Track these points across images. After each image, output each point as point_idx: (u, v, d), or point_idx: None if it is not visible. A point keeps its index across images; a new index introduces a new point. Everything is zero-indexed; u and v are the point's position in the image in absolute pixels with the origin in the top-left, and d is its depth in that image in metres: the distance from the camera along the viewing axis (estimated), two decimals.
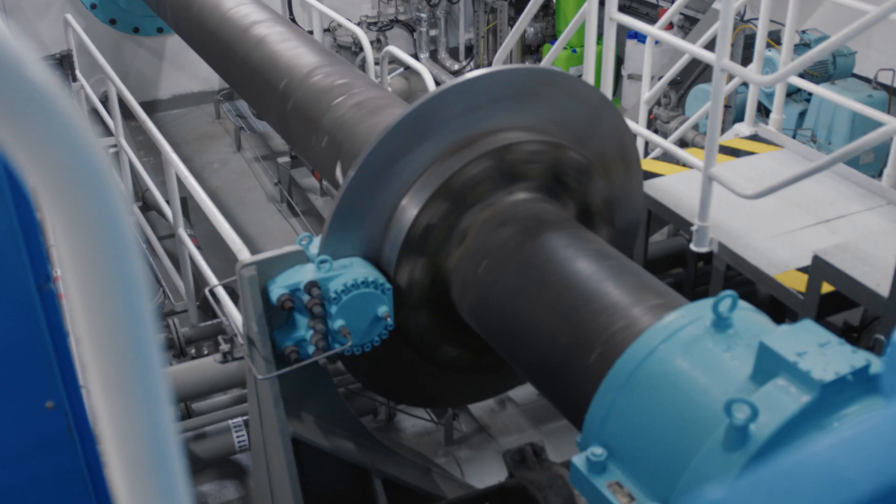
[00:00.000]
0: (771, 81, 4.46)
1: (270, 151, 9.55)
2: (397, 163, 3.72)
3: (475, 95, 3.77)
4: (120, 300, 0.61)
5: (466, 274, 3.74)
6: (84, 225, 0.57)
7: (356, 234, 3.78)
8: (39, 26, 9.93)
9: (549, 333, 3.40)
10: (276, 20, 6.65)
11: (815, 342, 2.70)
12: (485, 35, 11.42)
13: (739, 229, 4.92)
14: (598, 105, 4.07)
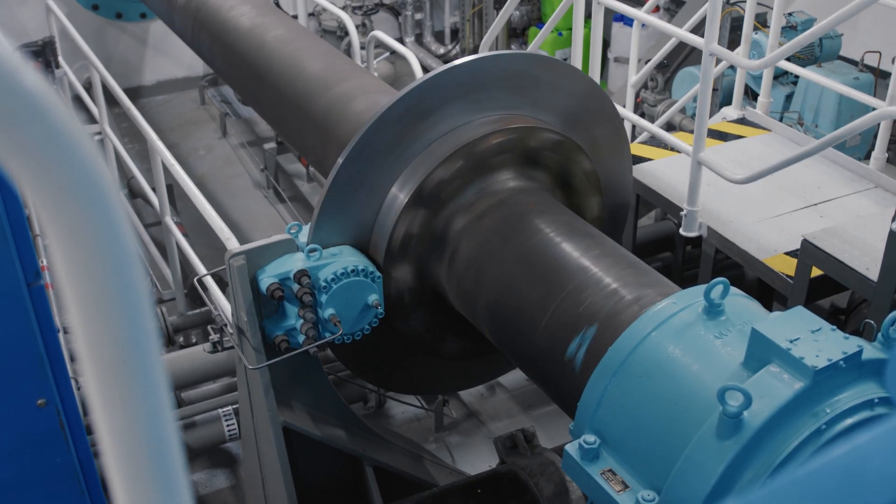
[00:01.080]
0: (759, 66, 4.45)
1: (256, 137, 9.50)
2: (386, 150, 3.70)
3: (464, 82, 3.75)
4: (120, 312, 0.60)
5: (456, 263, 3.73)
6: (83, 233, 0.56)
7: (345, 222, 3.76)
8: (21, 12, 9.83)
9: (539, 318, 3.40)
10: (264, 7, 6.59)
11: (807, 329, 2.70)
12: (470, 19, 11.37)
13: (728, 213, 4.92)
14: (587, 91, 4.05)
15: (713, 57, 4.30)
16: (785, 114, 7.43)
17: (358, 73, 5.23)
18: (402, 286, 3.83)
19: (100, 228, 0.55)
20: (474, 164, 3.73)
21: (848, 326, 5.51)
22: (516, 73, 3.86)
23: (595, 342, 3.15)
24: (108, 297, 0.58)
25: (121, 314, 0.60)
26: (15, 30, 9.47)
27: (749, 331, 2.74)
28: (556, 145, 3.88)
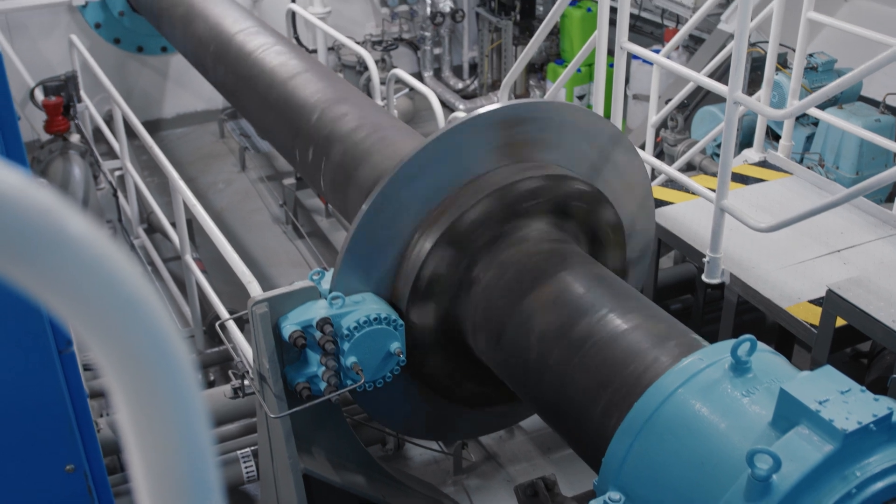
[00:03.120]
0: (784, 115, 4.44)
1: (275, 172, 9.53)
2: (410, 197, 3.71)
3: (488, 129, 3.76)
4: (187, 477, 0.58)
5: (479, 310, 3.72)
6: (151, 399, 0.55)
7: (368, 270, 3.76)
8: (44, 46, 9.92)
9: (564, 371, 3.38)
10: (283, 45, 6.64)
11: (836, 389, 2.67)
12: (489, 54, 11.42)
13: (751, 259, 4.89)
14: (611, 138, 4.05)
15: (737, 105, 4.29)
16: (806, 155, 7.40)
17: (378, 114, 5.25)
18: (425, 333, 3.82)
19: (168, 395, 0.54)
20: (499, 211, 3.72)
21: (871, 372, 5.46)
22: (538, 120, 3.87)
23: (620, 397, 3.13)
24: (175, 464, 0.57)
25: (187, 479, 0.59)
26: (38, 64, 9.55)
27: (777, 389, 2.72)
28: (582, 195, 3.88)
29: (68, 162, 8.02)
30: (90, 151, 8.26)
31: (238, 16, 7.34)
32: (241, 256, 4.98)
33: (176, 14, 8.08)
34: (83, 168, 8.08)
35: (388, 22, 11.31)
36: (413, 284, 3.70)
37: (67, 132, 8.12)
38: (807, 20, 5.64)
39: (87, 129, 8.72)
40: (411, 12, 11.39)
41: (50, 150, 8.00)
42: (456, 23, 11.52)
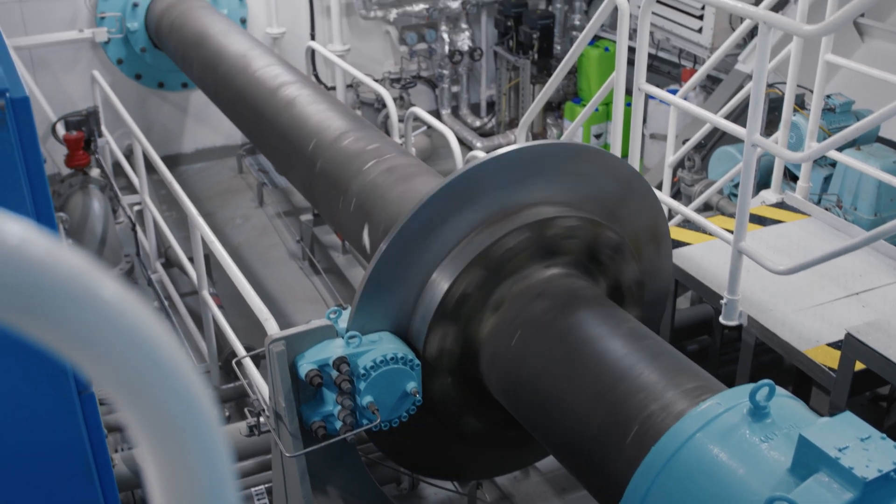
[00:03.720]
0: (803, 159, 4.45)
1: (292, 207, 9.57)
2: (429, 235, 3.72)
3: (510, 169, 3.77)
4: None
5: (496, 351, 3.71)
6: (183, 466, 0.55)
7: (386, 308, 3.76)
8: (66, 81, 10.03)
9: (581, 413, 3.37)
10: (302, 82, 6.70)
11: (856, 436, 2.65)
12: (506, 92, 11.48)
13: (768, 301, 4.88)
14: (629, 180, 4.06)
15: (756, 148, 4.30)
16: (823, 196, 7.38)
17: (396, 152, 5.28)
18: (442, 364, 3.81)
19: (198, 461, 0.55)
20: (494, 268, 3.72)
21: (890, 416, 5.42)
22: (557, 161, 3.88)
23: (638, 441, 3.11)
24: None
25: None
26: (60, 98, 9.65)
27: (796, 435, 2.70)
28: (578, 230, 3.86)
29: (88, 196, 8.09)
30: (110, 186, 8.33)
31: (258, 53, 7.42)
32: (257, 292, 5.01)
33: (197, 51, 8.17)
34: (102, 202, 8.15)
35: (407, 60, 11.39)
36: (430, 324, 3.70)
37: (88, 166, 8.20)
38: (824, 62, 5.65)
39: (108, 164, 8.80)
40: (430, 50, 11.47)
41: (70, 184, 8.07)
42: (474, 61, 11.59)
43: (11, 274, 0.52)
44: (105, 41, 9.98)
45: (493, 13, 11.50)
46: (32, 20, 9.67)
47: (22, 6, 9.59)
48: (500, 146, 11.14)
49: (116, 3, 9.90)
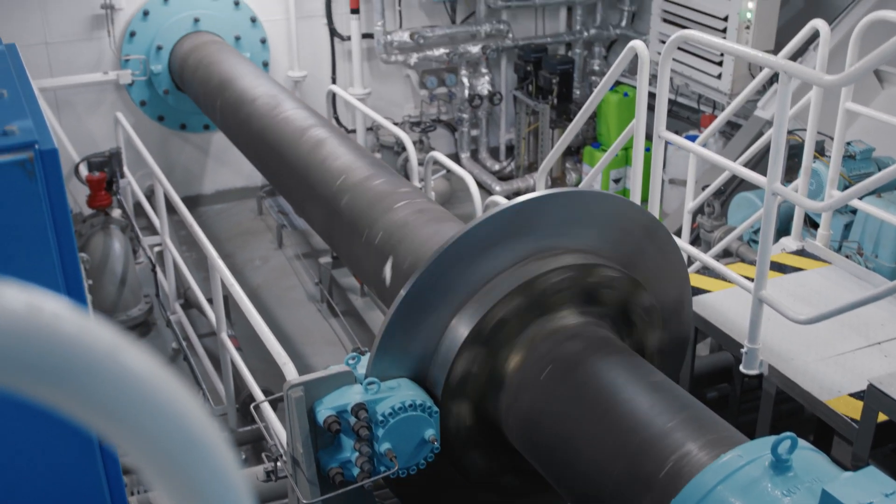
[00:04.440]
0: (824, 208, 4.44)
1: (311, 249, 9.60)
2: (449, 282, 3.71)
3: (527, 218, 3.78)
4: None
5: (520, 385, 3.69)
6: None
7: (404, 355, 3.75)
8: (90, 122, 10.15)
9: (601, 462, 3.34)
10: (324, 125, 6.76)
11: (880, 492, 2.62)
12: (526, 136, 11.52)
13: (789, 351, 4.84)
14: (648, 227, 4.06)
15: (776, 196, 4.29)
16: (844, 243, 7.35)
17: (416, 197, 5.30)
18: (459, 421, 3.79)
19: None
20: (535, 300, 3.72)
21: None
22: (578, 209, 3.88)
23: (657, 492, 3.08)
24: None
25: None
26: (84, 139, 9.76)
27: (818, 489, 2.66)
28: (618, 283, 3.88)
29: (109, 237, 8.15)
30: (131, 226, 8.39)
31: (280, 97, 7.49)
32: (275, 334, 5.02)
33: (219, 94, 8.26)
34: (123, 243, 8.21)
35: (427, 103, 11.47)
36: (448, 371, 3.69)
37: (109, 207, 8.26)
38: (845, 110, 5.66)
39: (129, 204, 8.87)
40: (450, 94, 11.55)
41: (92, 224, 8.13)
42: (493, 105, 11.66)
43: (40, 350, 0.53)
44: (129, 83, 10.11)
45: (513, 58, 11.59)
46: (58, 62, 9.81)
47: (48, 49, 9.73)
48: (519, 190, 11.19)
49: (141, 46, 10.04)
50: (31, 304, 0.54)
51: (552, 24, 11.87)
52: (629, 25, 11.72)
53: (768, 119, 8.88)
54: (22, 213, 1.81)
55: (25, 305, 0.53)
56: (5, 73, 2.32)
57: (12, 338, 0.51)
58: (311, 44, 10.89)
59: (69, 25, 9.79)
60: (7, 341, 0.51)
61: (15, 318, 0.52)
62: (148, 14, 9.98)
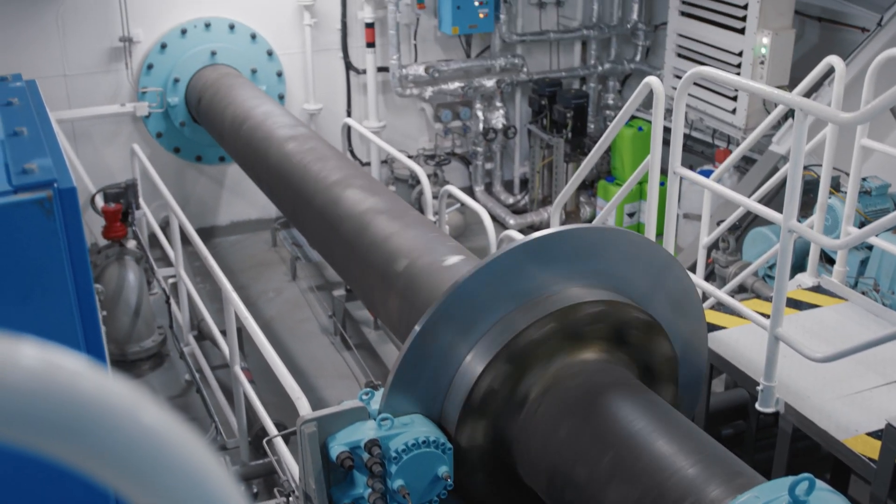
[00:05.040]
0: (841, 246, 4.43)
1: (325, 282, 9.61)
2: (462, 320, 3.70)
3: (541, 254, 3.77)
4: None
5: (529, 435, 3.67)
6: None
7: (418, 391, 3.73)
8: (106, 154, 10.22)
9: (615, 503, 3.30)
10: (337, 158, 6.78)
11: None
12: (540, 170, 11.54)
13: (806, 388, 4.80)
14: (664, 264, 4.04)
15: (792, 234, 4.27)
16: (860, 279, 7.32)
17: (430, 231, 5.31)
18: (474, 458, 3.77)
19: None
20: (572, 327, 3.70)
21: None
22: (593, 245, 3.87)
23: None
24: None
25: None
26: (100, 170, 9.82)
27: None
28: (645, 326, 3.86)
29: (124, 268, 8.18)
30: (145, 258, 8.42)
31: (295, 130, 7.53)
32: (288, 366, 5.01)
33: (234, 127, 8.30)
34: (137, 274, 8.24)
35: (441, 137, 11.51)
36: (462, 408, 3.67)
37: (124, 238, 8.30)
38: (860, 146, 5.65)
39: (144, 235, 8.90)
40: (464, 128, 11.59)
41: (107, 255, 8.17)
42: (508, 139, 11.70)
43: (59, 409, 0.52)
44: (146, 115, 10.18)
45: (528, 92, 11.63)
46: (77, 94, 9.89)
47: (67, 81, 9.82)
48: (534, 223, 11.19)
49: (158, 79, 10.12)
50: (49, 361, 0.54)
51: (567, 58, 11.93)
52: (643, 60, 11.76)
53: (783, 154, 8.87)
54: (40, 250, 1.81)
55: (44, 363, 0.53)
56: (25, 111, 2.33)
57: (31, 396, 0.51)
58: (326, 77, 10.96)
59: (88, 58, 9.88)
60: (26, 400, 0.51)
61: (34, 377, 0.51)
62: (166, 47, 10.07)
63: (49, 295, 1.80)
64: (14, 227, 1.78)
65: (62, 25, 9.65)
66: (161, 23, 10.09)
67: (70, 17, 9.67)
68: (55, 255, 1.81)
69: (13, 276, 1.83)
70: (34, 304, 1.82)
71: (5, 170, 1.93)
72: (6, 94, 2.59)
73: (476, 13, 10.72)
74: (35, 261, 1.82)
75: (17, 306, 1.81)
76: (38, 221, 1.78)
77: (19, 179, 1.84)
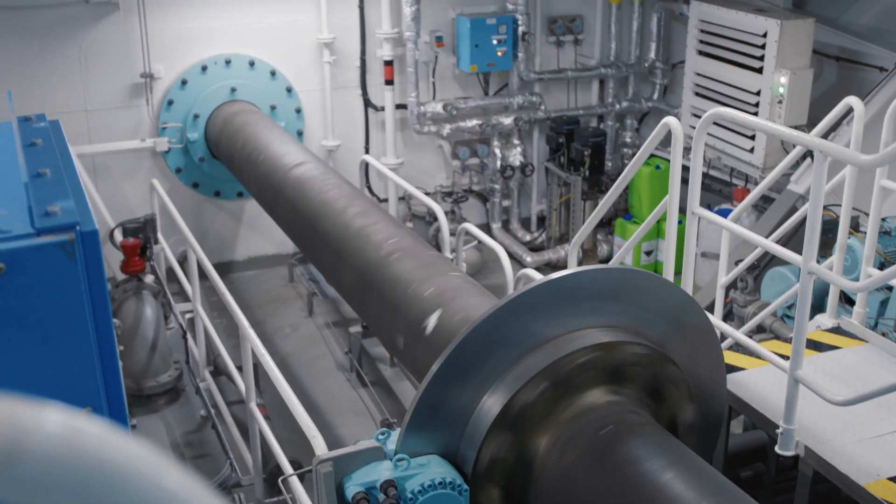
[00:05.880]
0: (861, 288, 4.40)
1: (342, 318, 9.61)
2: (480, 360, 3.69)
3: (559, 295, 3.76)
4: None
5: (549, 469, 3.64)
6: None
7: (435, 431, 3.71)
8: (126, 188, 10.29)
9: None
10: (354, 195, 6.80)
11: None
12: (557, 208, 11.54)
13: (826, 432, 4.75)
14: (683, 306, 4.03)
15: (812, 275, 4.25)
16: (880, 320, 7.26)
17: (447, 269, 5.30)
18: (490, 500, 3.74)
19: None
20: (560, 383, 3.68)
21: None
22: (612, 286, 3.86)
23: None
24: None
25: None
26: (119, 204, 9.89)
27: None
28: (645, 359, 3.83)
29: (141, 302, 8.21)
30: (163, 292, 8.44)
31: (313, 167, 7.56)
32: (304, 402, 5.00)
33: (253, 163, 8.35)
34: (155, 308, 8.26)
35: (459, 174, 11.54)
36: (479, 449, 3.65)
37: (142, 273, 8.33)
38: (880, 187, 5.62)
39: (162, 269, 8.94)
40: (482, 165, 11.62)
41: (124, 289, 8.20)
42: (525, 176, 11.71)
43: (84, 475, 0.52)
44: (165, 150, 10.25)
45: (545, 130, 11.66)
46: (97, 129, 9.98)
47: (88, 116, 9.91)
48: (551, 261, 11.18)
49: (178, 114, 10.20)
50: (74, 427, 0.53)
51: (584, 96, 11.97)
52: (661, 98, 11.79)
53: (801, 193, 8.85)
54: (61, 292, 1.83)
55: (68, 429, 0.53)
56: (49, 152, 2.35)
57: (57, 464, 0.50)
58: (345, 114, 11.03)
59: (109, 94, 9.98)
60: (52, 467, 0.50)
61: (59, 444, 0.51)
62: (186, 83, 10.16)
63: (69, 336, 1.81)
64: (36, 270, 1.79)
65: (85, 61, 9.76)
66: (182, 59, 10.19)
67: (93, 53, 9.77)
68: (76, 297, 1.82)
69: (34, 318, 1.83)
70: (54, 345, 1.82)
71: (28, 212, 1.94)
72: (30, 134, 2.62)
73: (494, 51, 10.78)
74: (56, 303, 1.84)
75: (37, 347, 1.82)
76: (61, 264, 1.79)
77: (42, 222, 1.85)
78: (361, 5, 10.67)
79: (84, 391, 1.87)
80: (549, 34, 11.58)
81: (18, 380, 1.86)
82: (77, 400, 1.92)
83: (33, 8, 9.38)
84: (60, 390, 1.84)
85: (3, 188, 2.21)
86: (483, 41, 10.70)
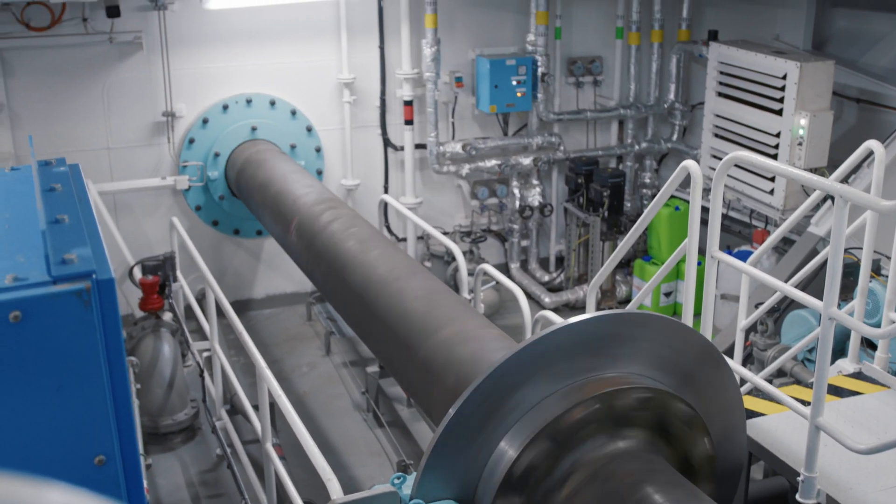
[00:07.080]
0: (883, 336, 4.34)
1: (359, 358, 9.59)
2: (499, 402, 3.66)
3: (579, 339, 3.73)
4: None
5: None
6: None
7: (451, 475, 3.68)
8: (146, 225, 10.34)
9: None
10: (372, 236, 6.81)
11: None
12: (576, 248, 11.52)
13: (848, 480, 4.68)
14: (702, 351, 3.99)
15: (832, 321, 4.21)
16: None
17: (465, 312, 5.28)
18: None
19: None
20: (561, 439, 3.64)
21: None
22: (630, 332, 3.83)
23: None
24: None
25: None
26: (139, 242, 9.94)
27: None
28: (650, 403, 3.79)
29: (159, 340, 8.22)
30: (181, 330, 8.46)
31: (331, 206, 7.58)
32: (320, 442, 4.98)
33: (273, 201, 8.38)
34: (172, 346, 8.27)
35: (478, 213, 11.55)
36: (495, 495, 3.61)
37: (161, 310, 8.35)
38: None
39: (180, 307, 8.95)
40: (500, 205, 11.63)
41: (143, 327, 8.22)
42: (544, 217, 11.71)
43: None
44: (186, 188, 10.31)
45: (564, 170, 11.67)
46: (119, 167, 10.06)
47: (110, 154, 10.00)
48: (569, 302, 11.14)
49: (199, 153, 10.27)
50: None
51: (603, 137, 11.98)
52: (680, 139, 11.79)
53: (822, 235, 8.80)
54: (76, 340, 1.83)
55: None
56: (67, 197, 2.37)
57: None
58: (364, 153, 11.08)
59: (131, 132, 10.07)
60: None
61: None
62: (207, 122, 10.24)
63: (83, 385, 1.81)
64: (52, 318, 1.79)
65: (108, 100, 9.85)
66: (203, 98, 10.28)
67: (115, 91, 9.87)
68: (91, 345, 1.82)
69: (49, 366, 1.84)
70: (68, 393, 1.82)
71: (45, 260, 1.95)
72: (49, 179, 2.63)
73: (514, 92, 10.82)
74: (71, 351, 1.84)
75: (51, 395, 1.82)
76: (76, 312, 1.79)
77: (58, 270, 1.86)
78: (382, 46, 10.74)
79: (97, 440, 1.86)
80: (569, 75, 11.62)
81: (31, 427, 1.86)
82: (89, 448, 1.91)
83: (58, 48, 9.49)
84: (73, 438, 1.84)
85: (21, 234, 2.22)
86: (502, 82, 10.75)
